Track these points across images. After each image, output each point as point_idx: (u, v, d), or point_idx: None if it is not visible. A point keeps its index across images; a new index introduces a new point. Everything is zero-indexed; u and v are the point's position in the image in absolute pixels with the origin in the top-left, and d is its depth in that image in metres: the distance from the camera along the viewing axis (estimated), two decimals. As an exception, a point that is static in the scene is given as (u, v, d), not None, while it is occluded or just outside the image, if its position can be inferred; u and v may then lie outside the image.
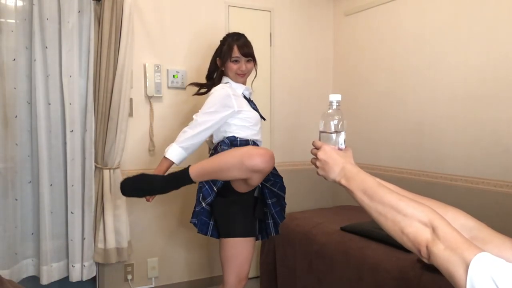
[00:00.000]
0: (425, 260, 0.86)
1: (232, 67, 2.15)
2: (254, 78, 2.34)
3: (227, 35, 2.27)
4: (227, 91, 2.09)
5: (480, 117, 2.43)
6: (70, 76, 2.52)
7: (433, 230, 0.84)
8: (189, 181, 1.86)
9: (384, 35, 3.06)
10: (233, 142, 2.07)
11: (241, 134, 2.10)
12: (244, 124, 2.11)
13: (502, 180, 2.34)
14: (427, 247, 0.84)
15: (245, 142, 2.09)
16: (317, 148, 1.11)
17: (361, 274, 2.17)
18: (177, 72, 2.90)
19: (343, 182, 1.04)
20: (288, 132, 3.38)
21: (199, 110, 2.10)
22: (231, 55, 2.15)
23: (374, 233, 2.30)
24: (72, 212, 2.57)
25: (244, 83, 2.23)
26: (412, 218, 0.88)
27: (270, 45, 3.26)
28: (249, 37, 2.24)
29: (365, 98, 3.25)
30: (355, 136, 3.35)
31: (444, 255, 0.80)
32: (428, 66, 2.73)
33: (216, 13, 3.04)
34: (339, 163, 1.07)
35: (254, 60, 2.21)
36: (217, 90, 2.11)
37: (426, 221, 0.86)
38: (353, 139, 3.35)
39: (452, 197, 2.56)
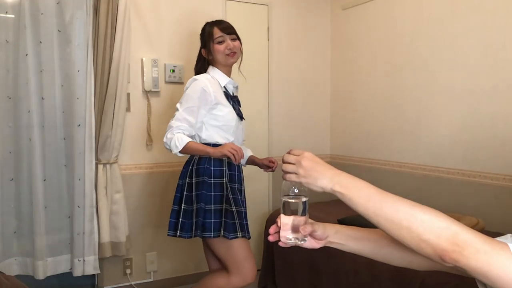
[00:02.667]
0: (448, 265, 0.82)
1: (219, 48, 2.06)
2: (240, 62, 2.21)
3: (205, 24, 2.17)
4: (203, 82, 2.00)
5: (478, 111, 2.43)
6: (68, 72, 2.52)
7: (456, 234, 0.80)
8: None
9: (382, 28, 3.05)
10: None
11: (213, 136, 2.04)
12: (215, 124, 2.04)
13: (499, 173, 2.35)
14: (452, 252, 0.79)
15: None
16: (297, 155, 1.00)
17: (357, 267, 2.18)
18: (174, 66, 2.90)
19: (338, 188, 0.92)
20: (286, 126, 3.38)
21: (180, 103, 2.01)
22: (213, 37, 2.06)
23: (370, 226, 2.31)
24: (78, 206, 2.58)
25: (230, 71, 2.15)
26: (431, 224, 0.83)
27: (268, 39, 3.25)
28: (247, 32, 2.21)
29: (363, 92, 3.25)
30: (352, 130, 3.35)
31: (480, 259, 0.76)
32: (426, 60, 2.73)
33: (213, 7, 3.02)
34: (329, 167, 0.97)
35: (239, 39, 2.12)
36: (192, 84, 2.03)
37: (446, 226, 0.82)
38: (350, 133, 3.36)
39: (450, 191, 2.58)
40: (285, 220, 1.04)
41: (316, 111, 3.53)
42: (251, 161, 2.29)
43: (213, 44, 2.07)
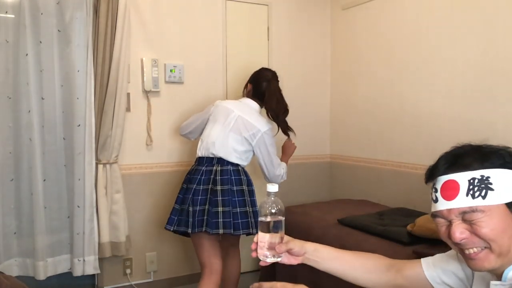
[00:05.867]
0: None
1: None
2: None
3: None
4: None
5: (477, 111, 2.43)
6: (68, 72, 2.52)
7: None
8: None
9: (381, 28, 3.05)
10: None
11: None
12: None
13: (498, 173, 2.34)
14: None
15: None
16: None
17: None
18: (174, 66, 2.90)
19: None
20: (286, 126, 3.37)
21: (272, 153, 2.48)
22: None
23: (371, 228, 2.31)
24: (78, 206, 2.58)
25: None
26: None
27: (268, 39, 3.25)
28: (246, 32, 2.25)
29: (363, 92, 3.25)
30: (352, 130, 3.35)
31: None
32: (425, 60, 2.73)
33: (213, 7, 3.03)
34: None
35: None
36: (271, 133, 2.51)
37: None
38: (350, 133, 3.36)
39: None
40: (263, 238, 1.10)
41: (316, 111, 3.52)
42: None
43: None
